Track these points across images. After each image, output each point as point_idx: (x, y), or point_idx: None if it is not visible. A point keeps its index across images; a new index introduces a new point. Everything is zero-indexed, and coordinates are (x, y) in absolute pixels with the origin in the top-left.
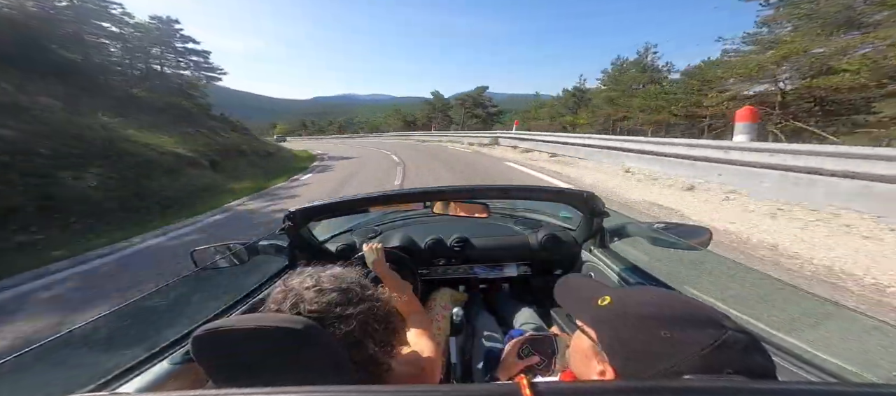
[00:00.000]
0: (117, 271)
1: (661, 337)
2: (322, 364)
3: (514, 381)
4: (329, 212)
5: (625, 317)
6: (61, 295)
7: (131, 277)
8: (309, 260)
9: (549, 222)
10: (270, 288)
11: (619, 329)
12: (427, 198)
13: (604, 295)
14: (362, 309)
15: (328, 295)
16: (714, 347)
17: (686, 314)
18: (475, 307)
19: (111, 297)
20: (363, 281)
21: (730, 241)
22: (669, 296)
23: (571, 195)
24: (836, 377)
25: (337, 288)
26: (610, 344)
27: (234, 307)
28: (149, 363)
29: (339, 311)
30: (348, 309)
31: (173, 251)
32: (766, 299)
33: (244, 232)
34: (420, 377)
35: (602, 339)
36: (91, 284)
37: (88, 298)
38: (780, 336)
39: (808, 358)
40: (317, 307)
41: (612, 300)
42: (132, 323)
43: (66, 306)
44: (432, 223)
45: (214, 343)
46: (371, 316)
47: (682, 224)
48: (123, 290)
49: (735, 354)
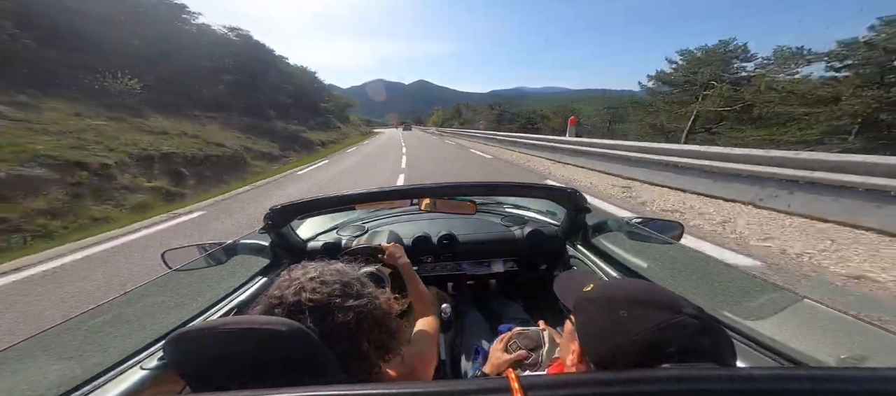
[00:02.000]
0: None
1: (619, 316)
2: (305, 363)
3: (503, 376)
4: (311, 210)
5: (595, 301)
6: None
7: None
8: (293, 258)
9: (534, 218)
10: (252, 288)
11: (588, 310)
12: (413, 196)
13: (591, 284)
14: (361, 304)
15: (329, 286)
16: (663, 327)
17: (648, 298)
18: (464, 304)
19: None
20: (364, 279)
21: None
22: (642, 285)
23: (556, 191)
24: (794, 362)
25: (339, 280)
26: (581, 323)
27: (213, 309)
28: (119, 370)
29: (339, 302)
30: (348, 301)
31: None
32: (732, 289)
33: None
34: (412, 376)
35: (577, 320)
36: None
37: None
38: (744, 323)
39: (769, 345)
40: (318, 296)
41: (594, 287)
42: (99, 328)
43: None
44: (419, 220)
45: (189, 347)
46: (368, 313)
47: (656, 218)
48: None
49: (683, 335)
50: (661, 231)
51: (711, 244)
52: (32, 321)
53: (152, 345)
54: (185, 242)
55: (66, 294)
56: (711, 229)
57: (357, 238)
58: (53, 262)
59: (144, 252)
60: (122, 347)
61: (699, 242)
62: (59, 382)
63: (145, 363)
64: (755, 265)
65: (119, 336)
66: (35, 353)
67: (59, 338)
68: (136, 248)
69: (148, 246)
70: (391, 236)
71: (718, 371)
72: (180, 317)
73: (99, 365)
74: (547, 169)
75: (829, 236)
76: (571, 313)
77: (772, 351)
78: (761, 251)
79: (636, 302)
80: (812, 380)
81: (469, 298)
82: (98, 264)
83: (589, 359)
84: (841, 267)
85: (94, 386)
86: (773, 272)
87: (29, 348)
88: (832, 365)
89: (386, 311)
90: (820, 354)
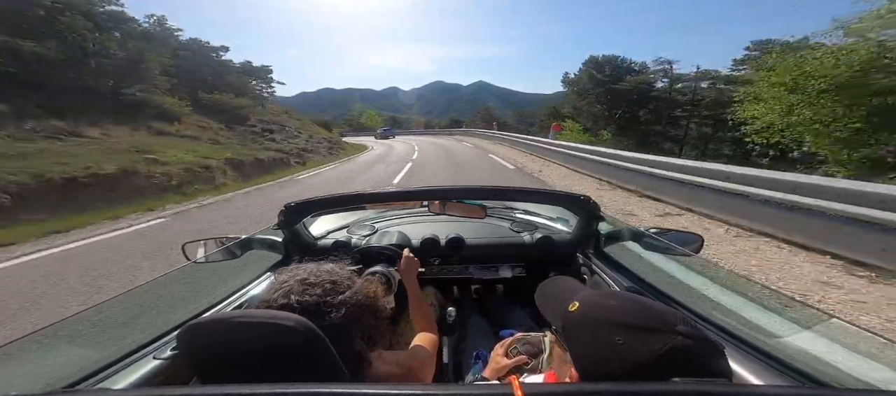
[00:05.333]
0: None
1: (615, 343)
2: (312, 361)
3: (506, 381)
4: (325, 207)
5: (585, 325)
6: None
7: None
8: (304, 255)
9: (544, 224)
10: (263, 282)
11: (581, 335)
12: (425, 197)
13: (574, 300)
14: (351, 302)
15: (318, 288)
16: (661, 353)
17: (641, 321)
18: (467, 308)
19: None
20: (353, 277)
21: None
22: (631, 301)
23: (568, 198)
24: (820, 383)
25: (327, 280)
26: (575, 351)
27: (226, 302)
28: (134, 358)
29: (330, 300)
30: (338, 298)
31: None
32: (756, 305)
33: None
34: (404, 377)
35: (570, 345)
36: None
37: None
38: (767, 341)
39: (792, 364)
40: (307, 298)
41: (579, 305)
42: (118, 317)
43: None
44: (428, 222)
45: (201, 339)
46: (358, 310)
47: (674, 230)
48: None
49: (682, 359)
50: (678, 242)
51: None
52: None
53: (166, 335)
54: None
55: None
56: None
57: (367, 237)
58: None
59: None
60: (138, 336)
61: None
62: (76, 368)
63: (159, 352)
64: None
65: (137, 326)
66: (55, 340)
67: (79, 326)
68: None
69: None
70: (400, 237)
71: (728, 387)
72: (194, 309)
73: (115, 353)
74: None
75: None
76: (561, 334)
77: (792, 370)
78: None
79: (629, 327)
80: None
81: (474, 302)
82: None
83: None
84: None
85: (108, 373)
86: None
87: (50, 334)
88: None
89: (376, 307)
90: (847, 377)
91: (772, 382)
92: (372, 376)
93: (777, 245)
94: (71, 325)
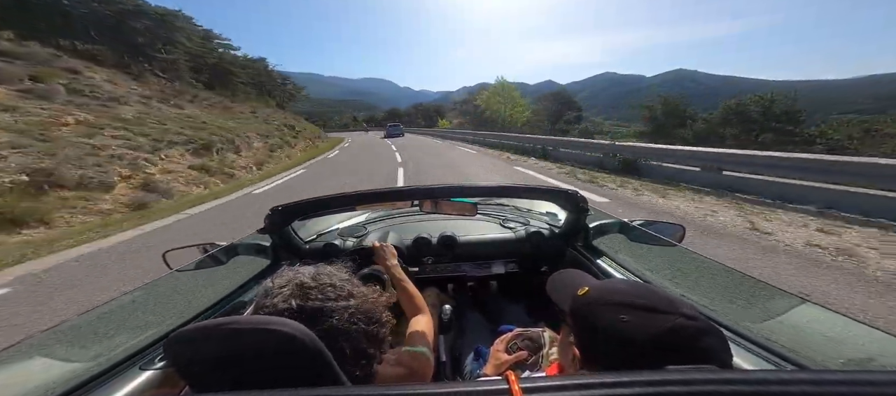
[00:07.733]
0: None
1: (619, 321)
2: (307, 367)
3: (503, 376)
4: (313, 209)
5: (594, 304)
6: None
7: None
8: (293, 259)
9: (534, 220)
10: (252, 289)
11: (588, 315)
12: (415, 197)
13: (585, 286)
14: (351, 305)
15: (319, 292)
16: (664, 331)
17: (646, 302)
18: (464, 305)
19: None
20: (353, 279)
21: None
22: (639, 287)
23: (557, 193)
24: (796, 365)
25: (326, 283)
26: (580, 329)
27: (213, 310)
28: (119, 370)
29: (331, 305)
30: (339, 303)
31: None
32: (733, 291)
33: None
34: (409, 378)
35: (574, 325)
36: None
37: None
38: (745, 325)
39: (770, 347)
40: (308, 303)
41: (589, 290)
42: (98, 328)
43: None
44: (419, 221)
45: (191, 347)
46: (359, 313)
47: (657, 221)
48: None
49: (683, 338)
50: (662, 233)
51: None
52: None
53: (152, 346)
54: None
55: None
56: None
57: (358, 239)
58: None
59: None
60: (122, 347)
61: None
62: (59, 382)
63: (145, 363)
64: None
65: (119, 336)
66: (35, 353)
67: (59, 338)
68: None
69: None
70: (387, 237)
71: (721, 373)
72: (180, 318)
73: (99, 366)
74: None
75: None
76: (568, 316)
77: (774, 354)
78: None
79: (635, 307)
80: (814, 384)
81: (470, 299)
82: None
83: (589, 364)
84: None
85: (93, 387)
86: None
87: (29, 347)
88: (835, 368)
89: (377, 309)
90: (822, 357)
91: (756, 366)
92: (379, 378)
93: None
94: (48, 338)
